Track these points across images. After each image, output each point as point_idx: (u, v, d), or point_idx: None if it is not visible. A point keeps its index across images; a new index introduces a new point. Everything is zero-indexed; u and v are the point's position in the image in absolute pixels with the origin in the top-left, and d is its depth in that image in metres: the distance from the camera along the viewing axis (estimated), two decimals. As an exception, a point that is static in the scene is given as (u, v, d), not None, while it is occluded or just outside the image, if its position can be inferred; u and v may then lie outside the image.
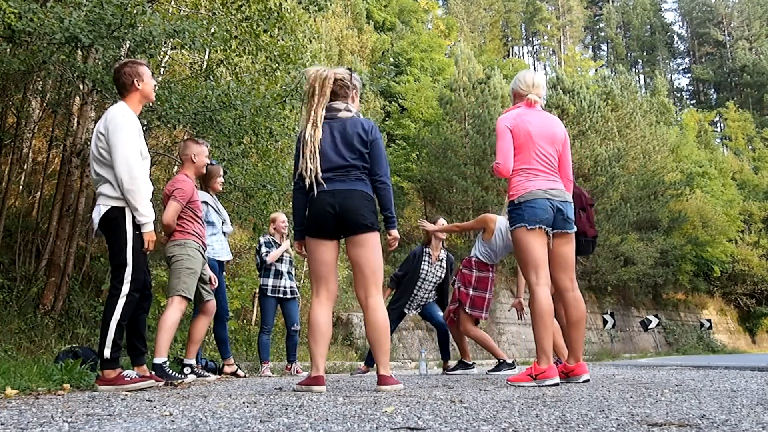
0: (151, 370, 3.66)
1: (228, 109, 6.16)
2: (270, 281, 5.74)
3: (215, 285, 4.52)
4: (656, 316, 22.05)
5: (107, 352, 3.05)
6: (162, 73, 8.02)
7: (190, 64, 8.64)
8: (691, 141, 35.14)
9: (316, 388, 2.87)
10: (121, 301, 3.10)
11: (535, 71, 3.66)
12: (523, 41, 58.08)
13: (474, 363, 5.57)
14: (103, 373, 3.09)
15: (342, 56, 20.00)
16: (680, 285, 25.93)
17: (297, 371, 5.81)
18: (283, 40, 7.34)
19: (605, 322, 18.96)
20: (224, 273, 5.20)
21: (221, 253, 4.83)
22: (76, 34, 4.80)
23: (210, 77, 7.30)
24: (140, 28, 5.27)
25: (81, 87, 6.72)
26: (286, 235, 5.97)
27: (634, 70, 58.29)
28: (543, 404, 2.10)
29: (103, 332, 3.08)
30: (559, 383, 3.16)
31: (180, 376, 3.77)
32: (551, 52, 55.93)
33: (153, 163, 7.77)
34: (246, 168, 7.38)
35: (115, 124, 3.17)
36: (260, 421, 1.71)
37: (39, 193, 8.35)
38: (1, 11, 4.61)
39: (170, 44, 7.41)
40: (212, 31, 6.51)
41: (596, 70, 45.80)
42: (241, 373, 5.17)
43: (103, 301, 6.52)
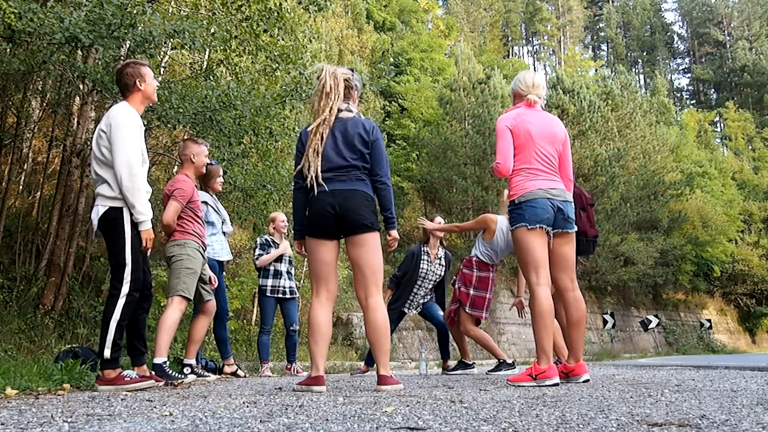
0: (151, 370, 3.65)
1: (228, 109, 6.16)
2: (269, 281, 5.74)
3: (215, 285, 4.52)
4: (656, 316, 22.05)
5: (107, 352, 3.05)
6: (162, 73, 8.01)
7: (190, 64, 8.64)
8: (691, 141, 35.15)
9: (316, 388, 2.87)
10: (121, 301, 3.10)
11: (535, 71, 3.66)
12: (523, 41, 58.07)
13: (474, 363, 5.56)
14: (103, 373, 3.08)
15: (342, 56, 20.00)
16: (680, 285, 25.93)
17: (297, 371, 5.81)
18: (283, 40, 7.34)
19: (605, 322, 18.96)
20: (224, 273, 5.20)
21: (221, 253, 4.84)
22: (76, 34, 4.81)
23: (210, 77, 7.30)
24: (140, 28, 5.28)
25: (81, 87, 6.72)
26: (285, 234, 5.97)
27: (634, 70, 58.29)
28: (543, 404, 2.10)
29: (103, 332, 3.08)
30: (559, 383, 3.16)
31: (180, 376, 3.77)
32: (551, 52, 55.92)
33: (153, 163, 7.79)
34: (246, 168, 7.39)
35: (117, 122, 3.17)
36: (260, 421, 1.71)
37: (39, 193, 8.35)
38: (1, 11, 4.61)
39: (170, 44, 7.41)
40: (212, 31, 6.50)
41: (596, 70, 45.79)
42: (241, 373, 5.17)
43: (103, 301, 6.52)
